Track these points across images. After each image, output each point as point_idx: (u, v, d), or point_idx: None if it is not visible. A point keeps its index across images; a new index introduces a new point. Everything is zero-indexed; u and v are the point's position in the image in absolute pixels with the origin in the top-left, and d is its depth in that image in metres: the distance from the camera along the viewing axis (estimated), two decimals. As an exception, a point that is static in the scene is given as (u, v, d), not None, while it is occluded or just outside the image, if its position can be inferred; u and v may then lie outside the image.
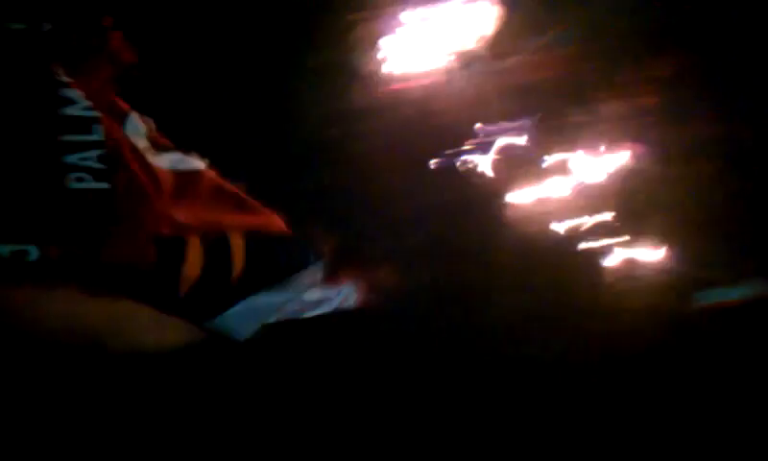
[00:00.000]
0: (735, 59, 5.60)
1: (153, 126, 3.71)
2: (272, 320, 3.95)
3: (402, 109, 5.55)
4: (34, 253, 3.00)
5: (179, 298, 3.35)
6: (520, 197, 6.02)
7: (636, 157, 5.85)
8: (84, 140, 3.14)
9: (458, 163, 5.91)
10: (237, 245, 3.66)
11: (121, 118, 3.47)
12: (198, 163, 3.76)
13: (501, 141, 5.91)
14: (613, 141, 5.86)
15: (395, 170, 5.63)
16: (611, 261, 6.10)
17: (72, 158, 3.09)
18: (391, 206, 5.76)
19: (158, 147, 3.62)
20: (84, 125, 3.20)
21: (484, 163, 5.89)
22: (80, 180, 3.08)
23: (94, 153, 3.14)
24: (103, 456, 4.90)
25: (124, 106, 3.69)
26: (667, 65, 5.52)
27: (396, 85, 5.54)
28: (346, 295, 4.05)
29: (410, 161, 5.78)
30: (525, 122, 5.79)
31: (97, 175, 3.11)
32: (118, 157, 3.18)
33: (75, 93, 3.30)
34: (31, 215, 3.05)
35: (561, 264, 6.07)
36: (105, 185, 3.12)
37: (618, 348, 5.99)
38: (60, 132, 3.13)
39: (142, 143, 3.49)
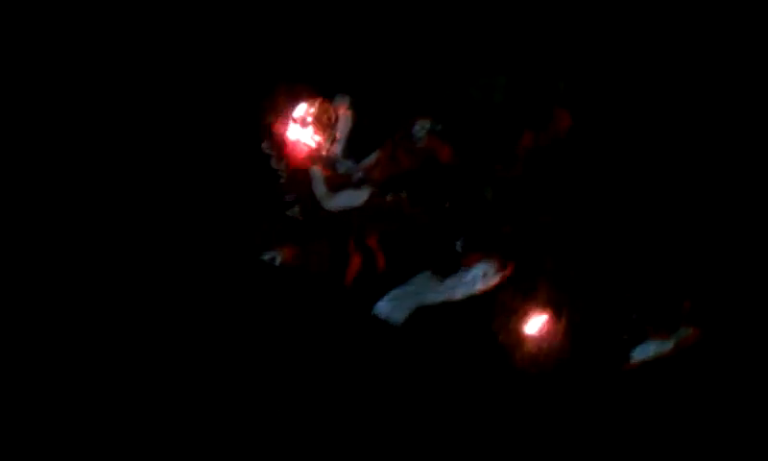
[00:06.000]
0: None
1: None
2: (421, 305, 4.81)
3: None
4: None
5: (347, 286, 4.99)
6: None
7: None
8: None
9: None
10: (375, 245, 4.99)
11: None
12: (362, 197, 5.07)
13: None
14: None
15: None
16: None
17: None
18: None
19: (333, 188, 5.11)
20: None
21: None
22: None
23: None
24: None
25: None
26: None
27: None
28: (484, 272, 4.62)
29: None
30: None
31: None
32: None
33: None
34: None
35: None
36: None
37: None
38: None
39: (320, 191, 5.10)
